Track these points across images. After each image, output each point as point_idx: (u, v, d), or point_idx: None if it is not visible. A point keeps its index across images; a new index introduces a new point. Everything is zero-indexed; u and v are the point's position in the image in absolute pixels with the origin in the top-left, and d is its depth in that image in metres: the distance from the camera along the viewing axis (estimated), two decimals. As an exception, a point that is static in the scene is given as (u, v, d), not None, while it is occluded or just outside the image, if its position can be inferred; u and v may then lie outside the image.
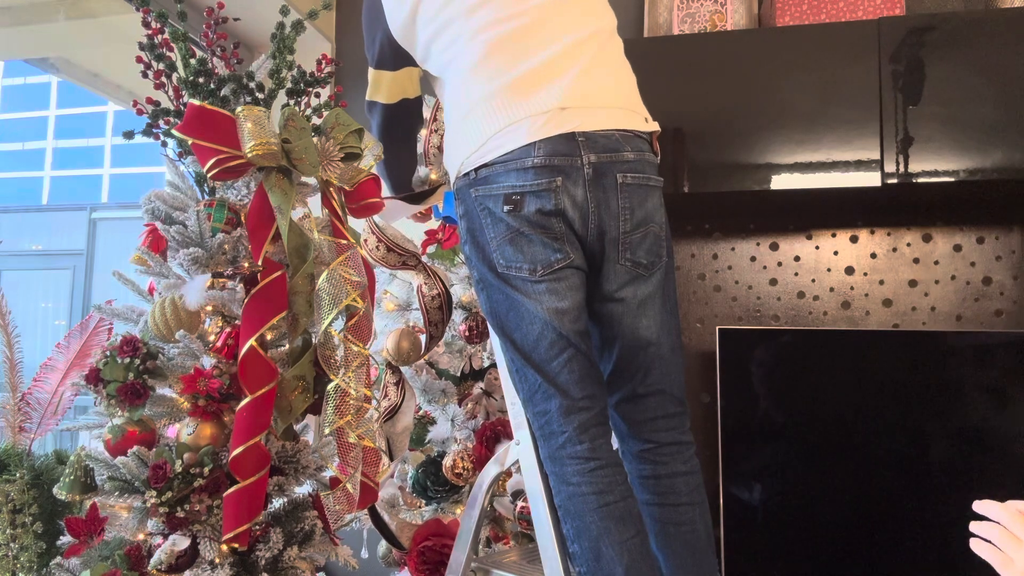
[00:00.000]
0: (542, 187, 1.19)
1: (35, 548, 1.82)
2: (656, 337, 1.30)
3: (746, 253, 2.30)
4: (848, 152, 1.89)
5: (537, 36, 1.25)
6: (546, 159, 1.18)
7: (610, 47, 1.32)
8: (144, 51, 1.51)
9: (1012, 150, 1.81)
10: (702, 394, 2.26)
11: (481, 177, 1.23)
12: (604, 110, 1.24)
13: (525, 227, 1.20)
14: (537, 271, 1.21)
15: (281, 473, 1.48)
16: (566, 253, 1.22)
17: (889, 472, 1.95)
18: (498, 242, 1.23)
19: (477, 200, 1.24)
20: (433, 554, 1.75)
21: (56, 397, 2.01)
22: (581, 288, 1.26)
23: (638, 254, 1.26)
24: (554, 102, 1.20)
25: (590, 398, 1.23)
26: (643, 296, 1.28)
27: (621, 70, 1.32)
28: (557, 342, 1.22)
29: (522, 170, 1.19)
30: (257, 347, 1.38)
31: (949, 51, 1.85)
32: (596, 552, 1.17)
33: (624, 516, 1.18)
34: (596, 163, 1.20)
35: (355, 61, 2.75)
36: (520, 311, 1.23)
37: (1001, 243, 2.15)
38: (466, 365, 1.92)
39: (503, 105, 1.22)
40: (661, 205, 1.29)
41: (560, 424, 1.22)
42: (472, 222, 1.26)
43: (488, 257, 1.25)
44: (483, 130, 1.23)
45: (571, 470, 1.21)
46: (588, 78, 1.24)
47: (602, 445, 1.23)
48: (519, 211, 1.20)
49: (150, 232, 1.57)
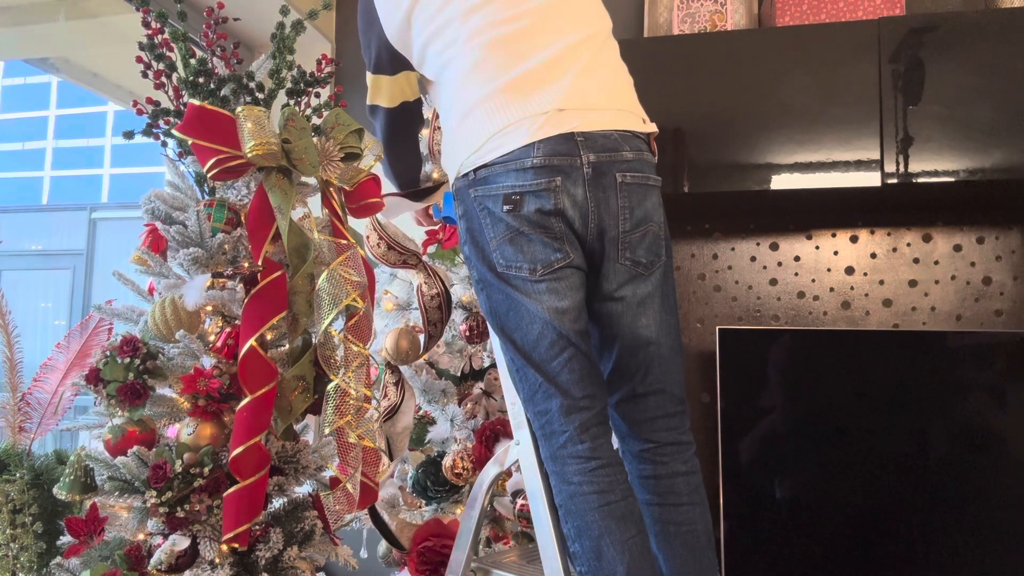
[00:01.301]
0: (541, 187, 1.19)
1: (35, 548, 1.82)
2: (655, 336, 1.30)
3: (746, 253, 2.30)
4: (848, 152, 1.89)
5: (535, 39, 1.25)
6: (545, 159, 1.19)
7: (606, 50, 1.32)
8: (144, 51, 1.51)
9: (1012, 150, 1.81)
10: (702, 394, 2.26)
11: (480, 177, 1.23)
12: (602, 111, 1.24)
13: (525, 227, 1.21)
14: (537, 271, 1.21)
15: (281, 473, 1.48)
16: (566, 252, 1.22)
17: (889, 472, 1.95)
18: (498, 242, 1.23)
19: (476, 200, 1.24)
20: (433, 554, 1.75)
21: (56, 397, 2.01)
22: (581, 288, 1.26)
23: (638, 253, 1.26)
24: (553, 103, 1.21)
25: (590, 397, 1.23)
26: (642, 295, 1.28)
27: (618, 72, 1.33)
28: (557, 342, 1.22)
29: (521, 170, 1.19)
30: (257, 347, 1.38)
31: (949, 51, 1.85)
32: (597, 551, 1.17)
33: (625, 515, 1.19)
34: (595, 162, 1.20)
35: (355, 61, 2.75)
36: (520, 311, 1.23)
37: (1001, 243, 2.15)
38: (466, 365, 1.92)
39: (502, 106, 1.22)
40: (660, 205, 1.29)
41: (561, 424, 1.22)
42: (471, 222, 1.26)
43: (488, 257, 1.25)
44: (482, 131, 1.23)
45: (572, 469, 1.21)
46: (586, 80, 1.25)
47: (603, 444, 1.23)
48: (519, 211, 1.20)
49: (150, 232, 1.57)
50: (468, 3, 1.28)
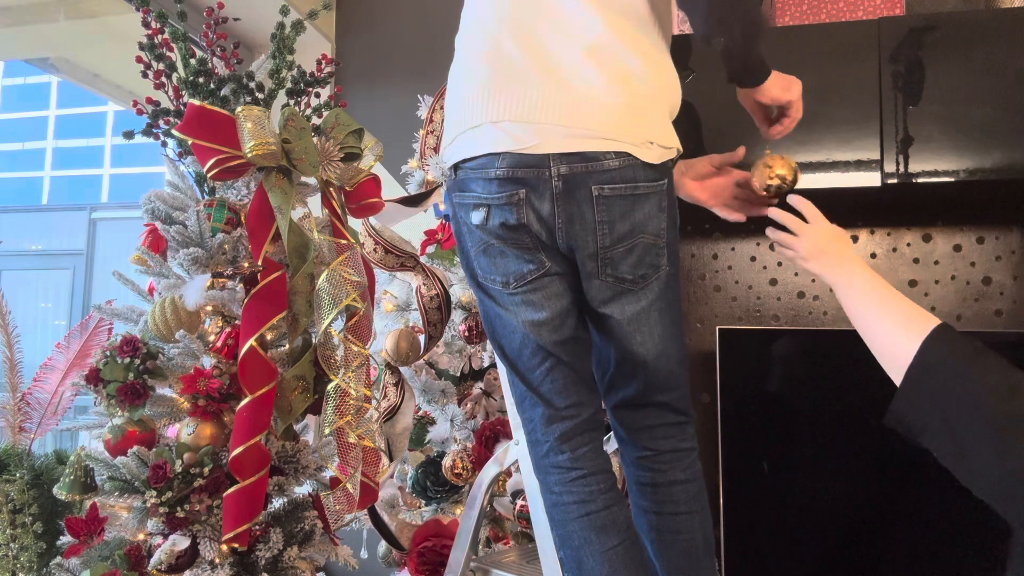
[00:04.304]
0: (503, 200, 1.11)
1: (35, 548, 1.82)
2: (654, 353, 1.22)
3: (746, 253, 2.30)
4: (848, 152, 1.89)
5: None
6: (509, 170, 1.09)
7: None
8: (144, 51, 1.51)
9: (1012, 150, 1.81)
10: (702, 394, 2.26)
11: (459, 179, 1.17)
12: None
13: (494, 239, 1.15)
14: (511, 283, 1.17)
15: (281, 473, 1.48)
16: (540, 263, 1.15)
17: (889, 472, 1.95)
18: (475, 251, 1.19)
19: (457, 207, 1.20)
20: (433, 554, 1.75)
21: (56, 397, 2.01)
22: (564, 294, 1.19)
23: (621, 269, 1.16)
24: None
25: (575, 407, 1.20)
26: (633, 313, 1.19)
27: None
28: (537, 353, 1.19)
29: (487, 180, 1.12)
30: (257, 347, 1.38)
31: (949, 51, 1.85)
32: (578, 561, 1.17)
33: (606, 525, 1.16)
34: (567, 175, 1.09)
35: (355, 61, 2.75)
36: (503, 320, 1.21)
37: (1001, 243, 2.15)
38: (465, 365, 1.92)
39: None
40: (659, 211, 1.16)
41: (543, 433, 1.21)
42: (456, 227, 1.22)
43: (470, 265, 1.22)
44: (452, 127, 1.18)
45: (553, 479, 1.20)
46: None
47: (585, 454, 1.20)
48: (486, 224, 1.14)
49: (150, 232, 1.57)
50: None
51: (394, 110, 2.46)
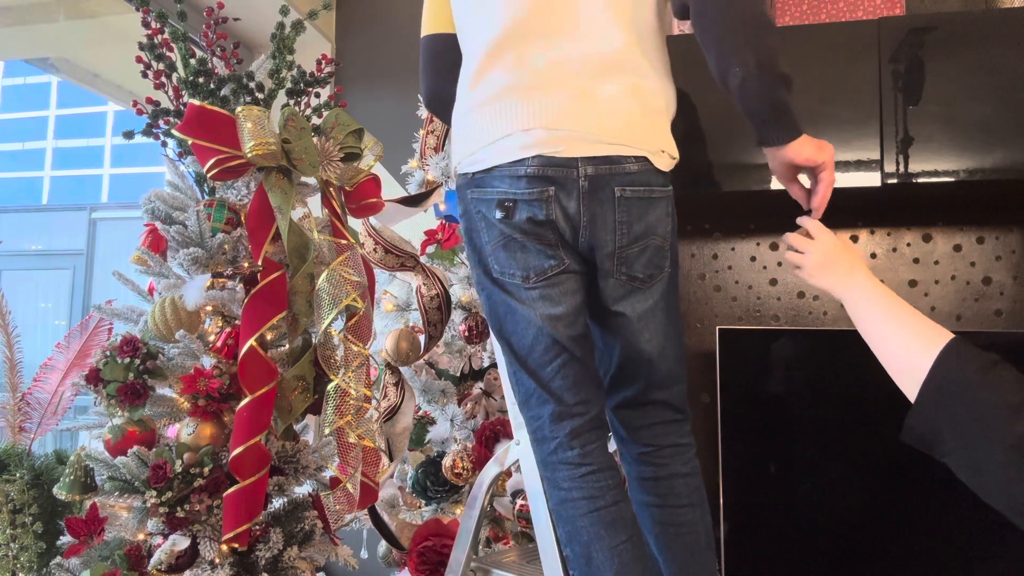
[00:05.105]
0: (533, 196, 1.16)
1: (35, 548, 1.82)
2: (658, 351, 1.28)
3: (746, 253, 2.30)
4: (848, 152, 1.89)
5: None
6: (539, 169, 1.16)
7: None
8: (144, 51, 1.51)
9: (1012, 150, 1.81)
10: (702, 394, 2.26)
11: (477, 179, 1.22)
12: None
13: (517, 234, 1.19)
14: (530, 278, 1.20)
15: (281, 473, 1.48)
16: (560, 259, 1.20)
17: (889, 472, 1.95)
18: (492, 247, 1.22)
19: (473, 202, 1.23)
20: (433, 554, 1.75)
21: (56, 397, 2.01)
22: (579, 291, 1.24)
23: (635, 268, 1.24)
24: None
25: (584, 403, 1.22)
26: (642, 310, 1.26)
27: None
28: (551, 348, 1.21)
29: (515, 178, 1.17)
30: (257, 347, 1.38)
31: (949, 51, 1.85)
32: (587, 557, 1.17)
33: (615, 521, 1.17)
34: (593, 175, 1.17)
35: (355, 61, 2.75)
36: (516, 316, 1.23)
37: (1001, 243, 2.15)
38: (466, 365, 1.92)
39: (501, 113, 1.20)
40: (667, 215, 1.25)
41: (551, 430, 1.21)
42: (470, 223, 1.25)
43: (484, 261, 1.24)
44: (480, 137, 1.21)
45: (562, 475, 1.21)
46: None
47: (594, 450, 1.22)
48: (511, 218, 1.18)
49: (150, 232, 1.57)
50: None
51: (394, 110, 2.46)
